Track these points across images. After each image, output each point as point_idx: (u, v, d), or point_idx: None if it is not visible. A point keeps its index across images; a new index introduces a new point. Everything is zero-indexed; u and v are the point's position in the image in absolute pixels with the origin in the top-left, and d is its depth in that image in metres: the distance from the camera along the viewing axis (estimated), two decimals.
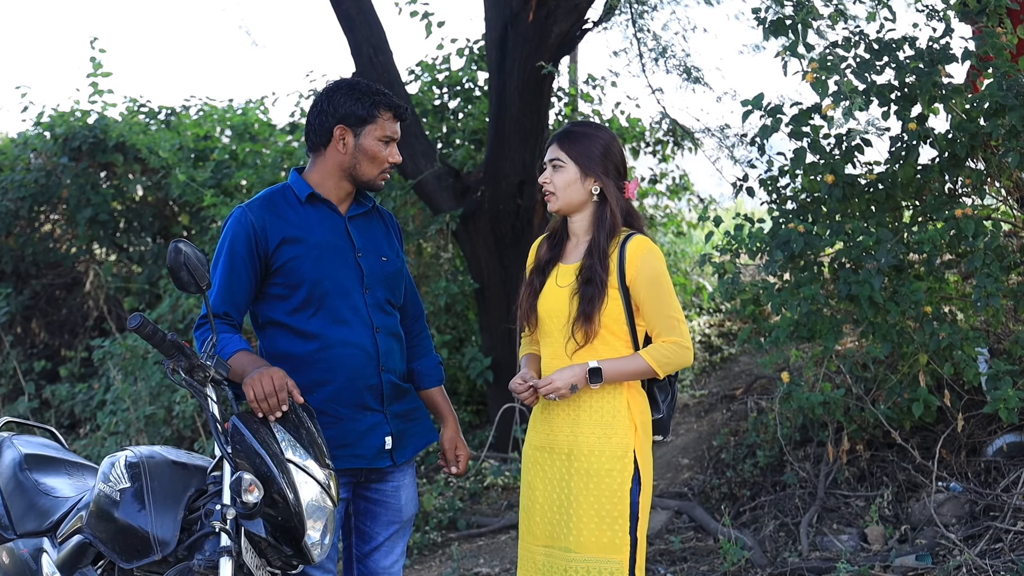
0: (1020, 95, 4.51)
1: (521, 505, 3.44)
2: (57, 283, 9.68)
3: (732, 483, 5.73)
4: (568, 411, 3.32)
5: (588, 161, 3.32)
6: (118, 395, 7.66)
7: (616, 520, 3.25)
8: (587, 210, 3.36)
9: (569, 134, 3.36)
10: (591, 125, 3.43)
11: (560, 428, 3.33)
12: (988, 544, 4.51)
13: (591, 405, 3.30)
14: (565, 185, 3.33)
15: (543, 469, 3.36)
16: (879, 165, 4.96)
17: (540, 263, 3.43)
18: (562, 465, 3.32)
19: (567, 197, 3.34)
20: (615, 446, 3.27)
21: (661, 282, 3.30)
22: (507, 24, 6.59)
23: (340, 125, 3.29)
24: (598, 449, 3.27)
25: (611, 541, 3.24)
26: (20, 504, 3.45)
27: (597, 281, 3.26)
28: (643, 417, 3.34)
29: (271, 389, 3.01)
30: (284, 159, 8.26)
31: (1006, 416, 4.45)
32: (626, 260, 3.28)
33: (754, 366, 7.31)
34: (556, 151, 3.35)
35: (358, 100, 3.29)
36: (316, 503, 2.96)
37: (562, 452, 3.32)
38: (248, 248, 3.24)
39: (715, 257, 5.15)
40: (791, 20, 4.73)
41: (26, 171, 9.28)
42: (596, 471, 3.26)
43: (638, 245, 3.30)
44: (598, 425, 3.29)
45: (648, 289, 3.28)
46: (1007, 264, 4.70)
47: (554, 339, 3.34)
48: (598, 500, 3.25)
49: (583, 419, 3.30)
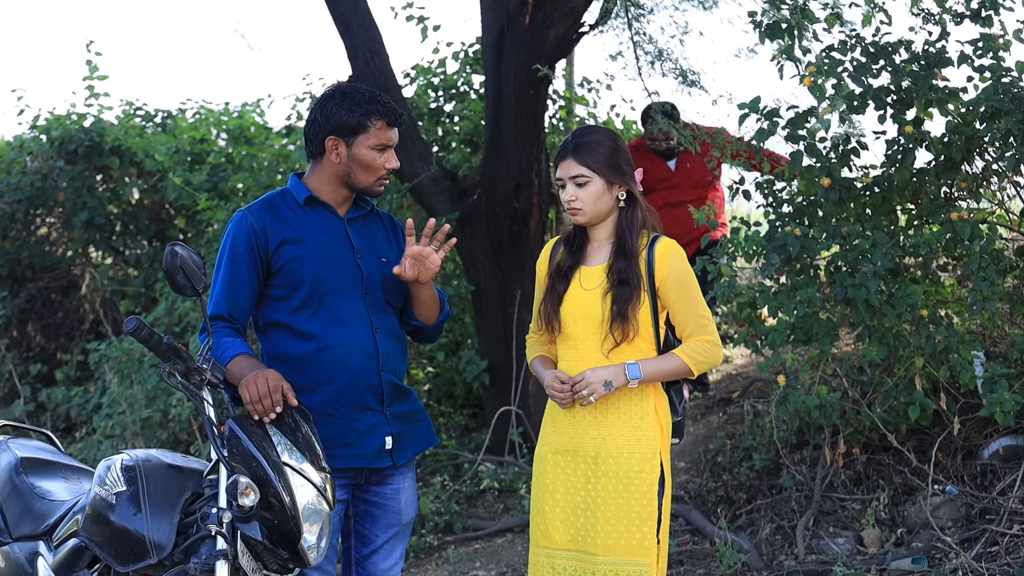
0: (1016, 99, 4.52)
1: (535, 510, 3.40)
2: (53, 286, 9.66)
3: (728, 486, 5.73)
4: (595, 413, 3.30)
5: (611, 170, 3.29)
6: (114, 398, 7.64)
7: (645, 522, 3.24)
8: (612, 215, 3.36)
9: (583, 146, 3.30)
10: (595, 130, 3.38)
11: (587, 430, 3.31)
12: (984, 547, 4.51)
13: (619, 407, 3.29)
14: (594, 199, 3.30)
15: (564, 472, 3.34)
16: (875, 169, 4.97)
17: (562, 268, 3.39)
18: (587, 468, 3.30)
19: (596, 210, 3.31)
20: (644, 448, 3.26)
21: (689, 283, 3.30)
22: (503, 27, 6.59)
23: (331, 136, 3.29)
24: (627, 451, 3.26)
25: (640, 543, 3.23)
26: (16, 507, 3.45)
27: (633, 281, 3.26)
28: (667, 419, 3.35)
29: (265, 391, 3.02)
30: (280, 162, 8.25)
31: (1002, 419, 4.45)
32: (655, 262, 3.28)
33: (751, 369, 7.31)
34: (576, 167, 3.29)
35: (350, 110, 3.28)
36: (312, 506, 2.96)
37: (588, 454, 3.30)
38: (249, 250, 3.26)
39: (712, 260, 5.15)
40: (787, 24, 4.74)
41: (22, 174, 9.26)
42: (626, 473, 3.25)
43: (666, 247, 3.30)
44: (627, 427, 3.28)
45: (678, 290, 3.29)
46: (1003, 267, 4.70)
47: (579, 342, 3.32)
48: (627, 502, 3.24)
49: (611, 421, 3.29)
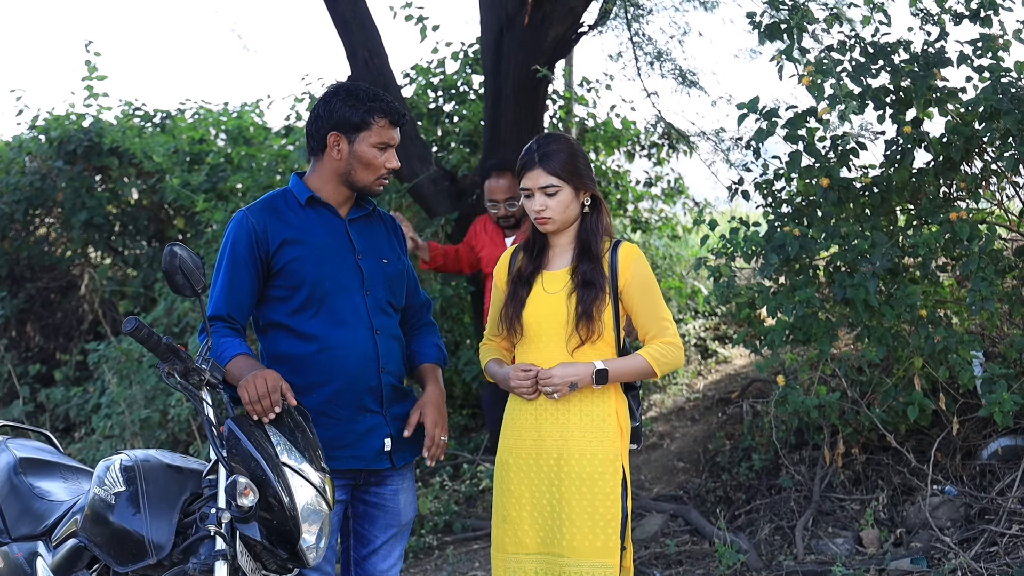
0: (1015, 99, 4.52)
1: (499, 516, 3.39)
2: (52, 286, 9.67)
3: (728, 486, 5.73)
4: (557, 415, 3.32)
5: (578, 177, 3.33)
6: (113, 399, 7.64)
7: (609, 523, 3.25)
8: (575, 222, 3.39)
9: (549, 155, 3.31)
10: (557, 139, 3.39)
11: (549, 432, 3.32)
12: (983, 547, 4.52)
13: (581, 409, 3.31)
14: (563, 207, 3.33)
15: (528, 475, 3.35)
16: (874, 169, 4.97)
17: (523, 273, 3.41)
18: (551, 470, 3.31)
19: (565, 217, 3.35)
20: (607, 449, 3.28)
21: (652, 286, 3.35)
22: (502, 27, 6.59)
23: (334, 132, 3.29)
24: (590, 452, 3.27)
25: (604, 545, 3.24)
26: (15, 508, 3.44)
27: (599, 283, 3.29)
28: (627, 423, 3.38)
29: (264, 391, 3.02)
30: (279, 163, 8.25)
31: (1001, 420, 4.45)
32: (619, 266, 3.32)
33: (750, 369, 7.31)
34: (545, 177, 3.30)
35: (353, 107, 3.29)
36: (311, 506, 2.96)
37: (551, 456, 3.31)
38: (250, 250, 3.26)
39: (710, 261, 5.15)
40: (786, 24, 4.74)
41: (21, 174, 9.26)
42: (589, 475, 3.26)
43: (628, 252, 3.34)
44: (589, 428, 3.29)
45: (641, 294, 3.33)
46: (1002, 268, 4.71)
47: (542, 344, 3.34)
48: (591, 504, 3.25)
49: (573, 423, 3.30)
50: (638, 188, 8.41)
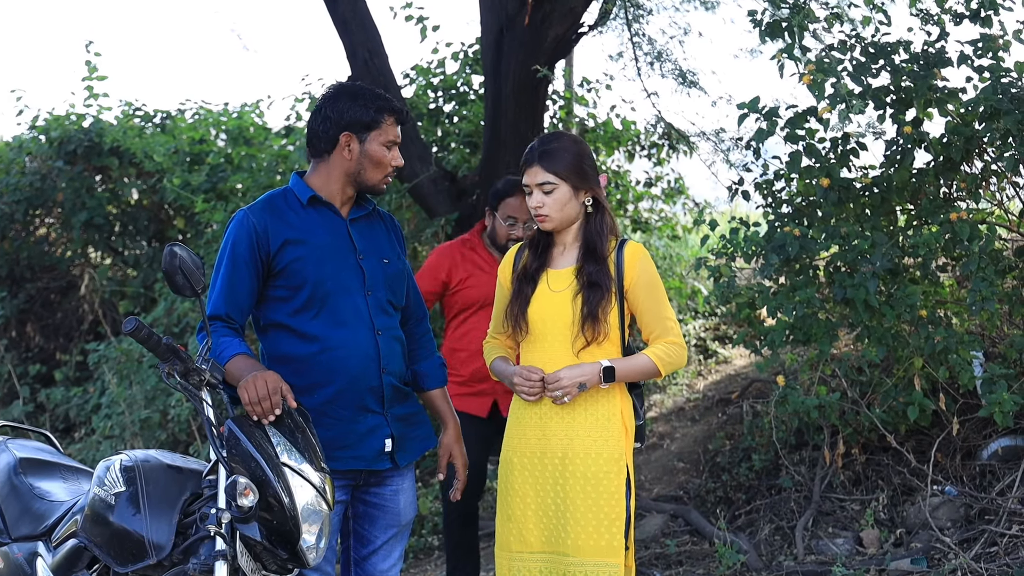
0: (1015, 99, 4.52)
1: (504, 515, 3.40)
2: (52, 287, 9.67)
3: (728, 487, 5.73)
4: (562, 414, 3.32)
5: (578, 176, 3.32)
6: (113, 399, 7.64)
7: (613, 523, 3.25)
8: (578, 220, 3.38)
9: (549, 153, 3.32)
10: (560, 137, 3.41)
11: (554, 431, 3.32)
12: (983, 548, 4.52)
13: (586, 408, 3.31)
14: (561, 205, 3.33)
15: (533, 475, 3.35)
16: (874, 169, 4.97)
17: (528, 271, 3.42)
18: (555, 469, 3.32)
19: (563, 216, 3.35)
20: (612, 449, 3.28)
21: (657, 286, 3.35)
22: (502, 28, 6.58)
23: (346, 132, 3.29)
24: (595, 452, 3.28)
25: (608, 544, 3.24)
26: (15, 508, 3.44)
27: (605, 284, 3.29)
28: (631, 422, 3.37)
29: (265, 392, 3.01)
30: (279, 163, 8.25)
31: (1001, 420, 4.45)
32: (624, 266, 3.31)
33: (750, 370, 7.31)
34: (543, 174, 3.31)
35: (363, 106, 3.29)
36: (311, 507, 2.96)
37: (555, 455, 3.31)
38: (250, 250, 3.25)
39: (711, 261, 5.15)
40: (787, 23, 4.74)
41: (21, 175, 9.27)
42: (594, 474, 3.27)
43: (634, 251, 3.34)
44: (594, 428, 3.29)
45: (647, 294, 3.33)
46: (1002, 268, 4.71)
47: (547, 343, 3.34)
48: (596, 503, 3.25)
49: (578, 422, 3.30)
50: (638, 188, 8.42)
